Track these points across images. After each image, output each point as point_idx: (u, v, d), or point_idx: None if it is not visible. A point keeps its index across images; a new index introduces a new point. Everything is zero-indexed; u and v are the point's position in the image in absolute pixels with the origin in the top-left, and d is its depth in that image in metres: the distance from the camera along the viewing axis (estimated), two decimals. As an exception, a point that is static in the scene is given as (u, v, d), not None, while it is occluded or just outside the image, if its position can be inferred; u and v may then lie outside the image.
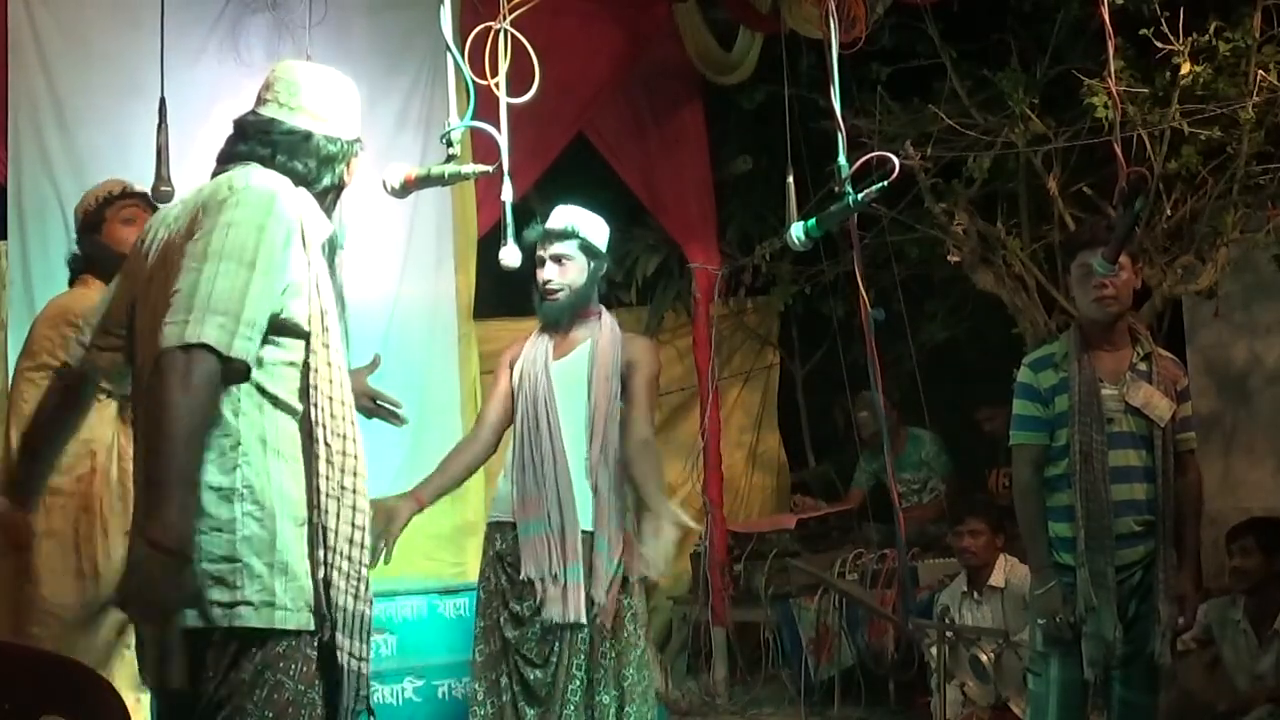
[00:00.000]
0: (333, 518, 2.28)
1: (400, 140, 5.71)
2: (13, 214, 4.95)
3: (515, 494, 3.79)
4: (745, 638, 6.52)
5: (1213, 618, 4.76)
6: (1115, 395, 3.69)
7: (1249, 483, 6.25)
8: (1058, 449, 3.73)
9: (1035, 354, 3.89)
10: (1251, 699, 4.55)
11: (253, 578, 2.21)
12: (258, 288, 2.21)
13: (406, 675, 4.97)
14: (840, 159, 3.22)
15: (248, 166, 2.39)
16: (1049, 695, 3.73)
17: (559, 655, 3.66)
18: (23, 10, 5.04)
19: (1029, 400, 3.79)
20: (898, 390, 6.93)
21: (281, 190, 2.32)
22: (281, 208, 2.28)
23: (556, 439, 3.76)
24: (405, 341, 5.76)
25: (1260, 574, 4.62)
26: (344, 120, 2.51)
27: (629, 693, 3.68)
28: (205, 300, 2.16)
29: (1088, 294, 3.71)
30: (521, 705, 3.68)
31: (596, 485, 3.73)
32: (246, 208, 2.25)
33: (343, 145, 2.49)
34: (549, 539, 3.69)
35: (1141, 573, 3.70)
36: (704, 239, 6.76)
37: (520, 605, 3.71)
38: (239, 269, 2.20)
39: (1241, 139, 5.11)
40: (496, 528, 3.86)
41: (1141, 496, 3.68)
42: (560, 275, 3.83)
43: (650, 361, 3.88)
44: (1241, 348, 6.34)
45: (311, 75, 2.51)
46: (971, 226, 5.91)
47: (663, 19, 6.18)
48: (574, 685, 3.64)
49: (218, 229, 2.23)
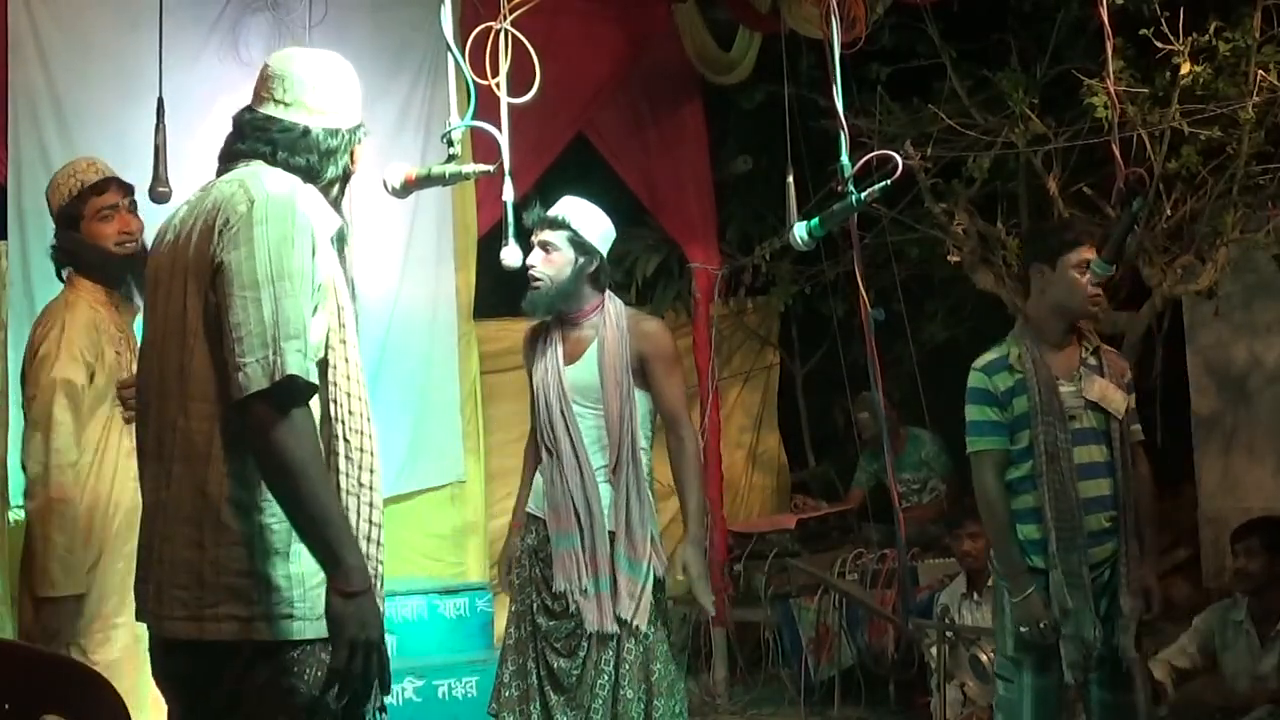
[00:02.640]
0: (352, 514, 2.28)
1: (401, 140, 5.71)
2: (13, 214, 4.94)
3: (546, 501, 3.82)
4: (745, 638, 6.53)
5: (1212, 623, 4.72)
6: (1073, 391, 3.66)
7: (1249, 483, 6.25)
8: (1019, 451, 3.67)
9: (985, 357, 3.78)
10: (1252, 699, 4.54)
11: (270, 590, 2.21)
12: (306, 304, 2.20)
13: (406, 675, 4.97)
14: (843, 158, 3.21)
15: (253, 166, 2.36)
16: (1022, 702, 3.67)
17: (587, 649, 3.70)
18: (23, 10, 5.04)
19: (985, 405, 3.71)
20: (898, 390, 6.94)
21: (299, 195, 2.29)
22: (302, 214, 2.25)
23: (581, 449, 3.76)
24: (405, 341, 5.76)
25: (1265, 575, 4.60)
26: (343, 110, 2.46)
27: (656, 687, 3.70)
28: (274, 329, 2.14)
29: (1080, 291, 3.65)
30: (548, 689, 3.72)
31: (619, 490, 3.74)
32: (275, 222, 2.21)
33: (343, 136, 2.45)
34: (577, 555, 3.72)
35: (1109, 571, 3.68)
36: (704, 239, 6.76)
37: (553, 601, 3.74)
38: (289, 288, 2.17)
39: (1241, 139, 5.11)
40: (532, 520, 3.88)
41: (1107, 492, 3.65)
42: (544, 264, 3.78)
43: (662, 346, 3.83)
44: (1241, 348, 6.34)
45: (306, 67, 2.45)
46: (971, 226, 5.91)
47: (663, 19, 6.17)
48: (601, 680, 3.67)
49: (258, 249, 2.18)
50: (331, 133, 2.43)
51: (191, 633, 2.22)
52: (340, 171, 2.46)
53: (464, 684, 5.04)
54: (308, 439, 2.16)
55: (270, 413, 2.13)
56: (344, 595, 2.13)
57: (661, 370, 3.81)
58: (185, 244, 2.31)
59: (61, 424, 3.38)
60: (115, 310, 3.60)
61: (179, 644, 2.26)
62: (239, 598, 2.20)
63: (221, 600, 2.20)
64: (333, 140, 2.43)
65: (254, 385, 2.12)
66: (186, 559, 2.23)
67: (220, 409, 2.22)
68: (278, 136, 2.39)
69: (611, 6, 5.99)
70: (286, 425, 2.13)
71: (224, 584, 2.20)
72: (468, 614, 5.41)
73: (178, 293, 2.29)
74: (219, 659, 2.22)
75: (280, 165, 2.37)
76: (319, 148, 2.41)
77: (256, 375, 2.12)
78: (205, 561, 2.21)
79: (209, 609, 2.21)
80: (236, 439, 2.21)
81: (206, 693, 2.25)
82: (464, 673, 5.06)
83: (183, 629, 2.23)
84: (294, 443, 2.13)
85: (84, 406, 3.43)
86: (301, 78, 2.42)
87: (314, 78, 2.43)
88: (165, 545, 2.26)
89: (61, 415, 3.38)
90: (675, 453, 3.85)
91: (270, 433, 2.13)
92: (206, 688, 2.25)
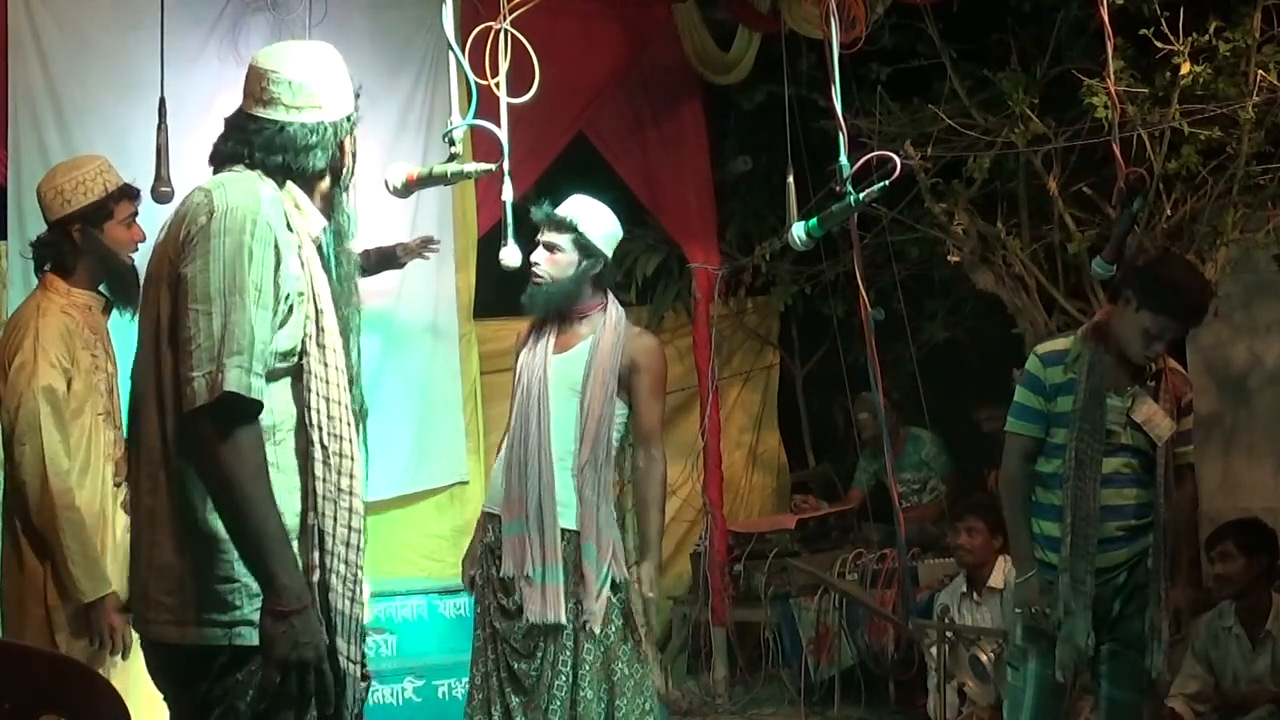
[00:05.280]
0: (329, 520, 2.27)
1: (401, 140, 5.71)
2: (13, 214, 4.94)
3: (502, 489, 3.80)
4: (745, 638, 6.52)
5: (1205, 637, 4.69)
6: (1119, 407, 3.65)
7: (1249, 483, 6.25)
8: (1053, 445, 3.71)
9: (1049, 346, 3.81)
10: (1252, 699, 4.54)
11: (251, 596, 2.22)
12: (263, 317, 2.19)
13: (406, 675, 4.98)
14: (842, 158, 3.21)
15: (230, 172, 2.34)
16: (1026, 689, 3.74)
17: (544, 649, 3.67)
18: (23, 10, 5.04)
19: (1032, 391, 3.75)
20: (898, 390, 6.93)
21: (262, 205, 2.24)
22: (263, 225, 2.22)
23: (545, 437, 3.73)
24: (406, 341, 5.76)
25: (1244, 577, 4.57)
26: (323, 102, 2.38)
27: (619, 686, 3.67)
28: (219, 345, 2.15)
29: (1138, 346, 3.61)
30: (508, 692, 3.70)
31: (583, 488, 3.71)
32: (231, 235, 2.20)
33: (324, 129, 2.37)
34: (526, 540, 3.69)
35: (1126, 573, 3.69)
36: (704, 239, 6.76)
37: (507, 599, 3.72)
38: (240, 302, 2.17)
39: (1241, 139, 5.11)
40: (488, 518, 3.87)
41: (1128, 502, 3.67)
42: (548, 264, 3.77)
43: (654, 363, 3.83)
44: (1241, 348, 6.34)
45: (284, 61, 2.37)
46: (971, 226, 5.91)
47: (662, 19, 6.18)
48: (560, 680, 3.64)
49: (212, 263, 2.19)
50: (310, 128, 2.36)
51: (173, 637, 2.25)
52: (325, 165, 2.40)
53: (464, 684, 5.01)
54: (248, 455, 2.16)
55: (210, 428, 2.15)
56: (275, 615, 2.15)
57: (648, 386, 3.80)
58: (161, 251, 2.32)
59: (50, 432, 3.35)
60: (89, 312, 3.52)
61: (163, 646, 2.28)
62: (219, 603, 2.21)
63: (202, 605, 2.21)
64: (311, 136, 2.36)
65: (198, 400, 2.14)
66: (168, 564, 2.24)
67: None
68: (254, 137, 2.35)
69: (611, 6, 6.00)
70: (226, 441, 2.14)
71: (204, 589, 2.21)
72: (468, 614, 5.38)
73: (152, 300, 2.31)
74: (200, 662, 2.23)
75: (259, 166, 2.34)
76: (295, 144, 2.35)
77: (200, 390, 2.14)
78: (185, 567, 2.23)
79: (189, 614, 2.22)
80: None
81: (191, 694, 2.27)
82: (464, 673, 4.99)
83: (165, 633, 2.26)
84: (233, 459, 2.14)
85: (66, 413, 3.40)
86: (279, 73, 2.35)
87: (291, 72, 2.36)
88: (150, 550, 2.28)
89: (49, 423, 3.34)
90: (644, 471, 3.82)
91: (209, 448, 2.15)
92: (190, 690, 2.27)
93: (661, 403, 3.89)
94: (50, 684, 2.53)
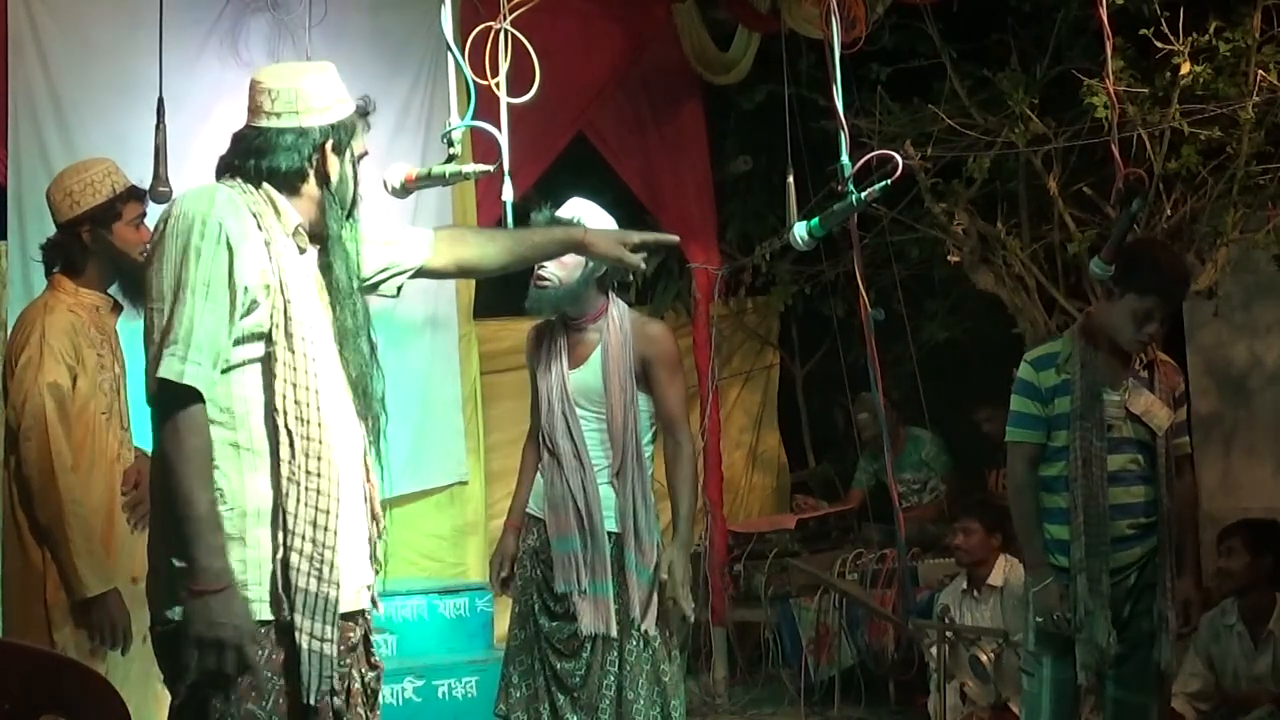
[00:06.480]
0: (292, 501, 2.36)
1: (401, 140, 5.71)
2: (13, 214, 4.94)
3: (546, 504, 3.82)
4: (745, 638, 6.53)
5: (1206, 636, 4.70)
6: (1117, 401, 3.66)
7: (1249, 483, 6.26)
8: (1055, 449, 3.71)
9: (1038, 351, 3.84)
10: (1253, 699, 4.54)
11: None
12: (211, 311, 2.33)
13: (406, 675, 4.97)
14: (843, 158, 3.21)
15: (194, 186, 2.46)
16: (1042, 695, 3.73)
17: (589, 650, 3.70)
18: (23, 10, 5.03)
19: (1028, 398, 3.75)
20: (898, 390, 6.94)
21: (214, 206, 2.37)
22: (214, 224, 2.35)
23: (582, 453, 3.76)
24: (406, 341, 5.76)
25: (1247, 575, 4.58)
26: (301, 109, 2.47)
27: (670, 688, 3.71)
28: (161, 337, 2.32)
29: (1128, 335, 3.64)
30: (554, 690, 3.73)
31: (622, 492, 3.74)
32: (181, 236, 2.35)
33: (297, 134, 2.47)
34: (577, 558, 3.73)
35: (1136, 573, 3.69)
36: (704, 239, 6.76)
37: (555, 602, 3.75)
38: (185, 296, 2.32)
39: (1241, 139, 5.11)
40: (533, 521, 3.88)
41: (1137, 499, 3.67)
42: (556, 266, 3.75)
43: (665, 350, 3.83)
44: (1241, 348, 6.34)
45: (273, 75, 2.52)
46: (971, 226, 5.91)
47: (662, 19, 6.18)
48: (608, 681, 3.68)
49: (165, 263, 2.36)
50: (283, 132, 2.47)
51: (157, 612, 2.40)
52: (296, 167, 2.48)
53: (464, 684, 5.04)
54: (185, 439, 2.31)
55: (156, 414, 2.34)
56: (193, 593, 2.27)
57: (664, 374, 3.81)
58: None
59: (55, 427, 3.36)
60: (97, 312, 3.55)
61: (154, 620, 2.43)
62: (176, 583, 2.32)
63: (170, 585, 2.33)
64: (283, 139, 2.47)
65: (150, 389, 2.33)
66: (154, 544, 2.42)
67: None
68: (238, 144, 2.50)
69: (611, 6, 6.00)
70: (163, 425, 2.32)
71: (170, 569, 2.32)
72: (468, 614, 5.41)
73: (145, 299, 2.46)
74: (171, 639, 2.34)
75: (239, 171, 2.48)
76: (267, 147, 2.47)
77: (151, 381, 2.33)
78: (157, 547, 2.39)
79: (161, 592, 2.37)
80: None
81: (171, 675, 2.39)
82: (464, 673, 5.07)
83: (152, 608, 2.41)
84: (168, 442, 2.32)
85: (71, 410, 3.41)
86: (263, 84, 2.49)
87: (274, 82, 2.49)
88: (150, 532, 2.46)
89: (54, 419, 3.36)
90: (672, 456, 3.84)
91: (155, 432, 2.35)
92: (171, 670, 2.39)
93: (681, 385, 3.90)
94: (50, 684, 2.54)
